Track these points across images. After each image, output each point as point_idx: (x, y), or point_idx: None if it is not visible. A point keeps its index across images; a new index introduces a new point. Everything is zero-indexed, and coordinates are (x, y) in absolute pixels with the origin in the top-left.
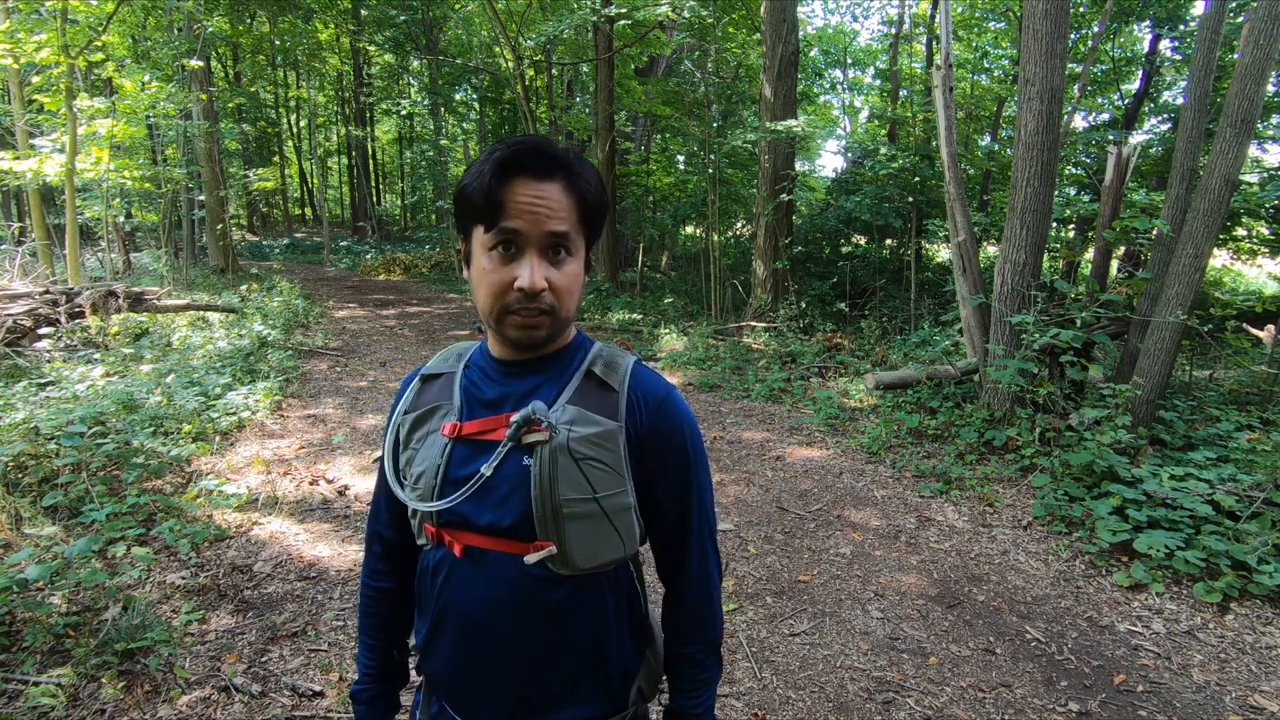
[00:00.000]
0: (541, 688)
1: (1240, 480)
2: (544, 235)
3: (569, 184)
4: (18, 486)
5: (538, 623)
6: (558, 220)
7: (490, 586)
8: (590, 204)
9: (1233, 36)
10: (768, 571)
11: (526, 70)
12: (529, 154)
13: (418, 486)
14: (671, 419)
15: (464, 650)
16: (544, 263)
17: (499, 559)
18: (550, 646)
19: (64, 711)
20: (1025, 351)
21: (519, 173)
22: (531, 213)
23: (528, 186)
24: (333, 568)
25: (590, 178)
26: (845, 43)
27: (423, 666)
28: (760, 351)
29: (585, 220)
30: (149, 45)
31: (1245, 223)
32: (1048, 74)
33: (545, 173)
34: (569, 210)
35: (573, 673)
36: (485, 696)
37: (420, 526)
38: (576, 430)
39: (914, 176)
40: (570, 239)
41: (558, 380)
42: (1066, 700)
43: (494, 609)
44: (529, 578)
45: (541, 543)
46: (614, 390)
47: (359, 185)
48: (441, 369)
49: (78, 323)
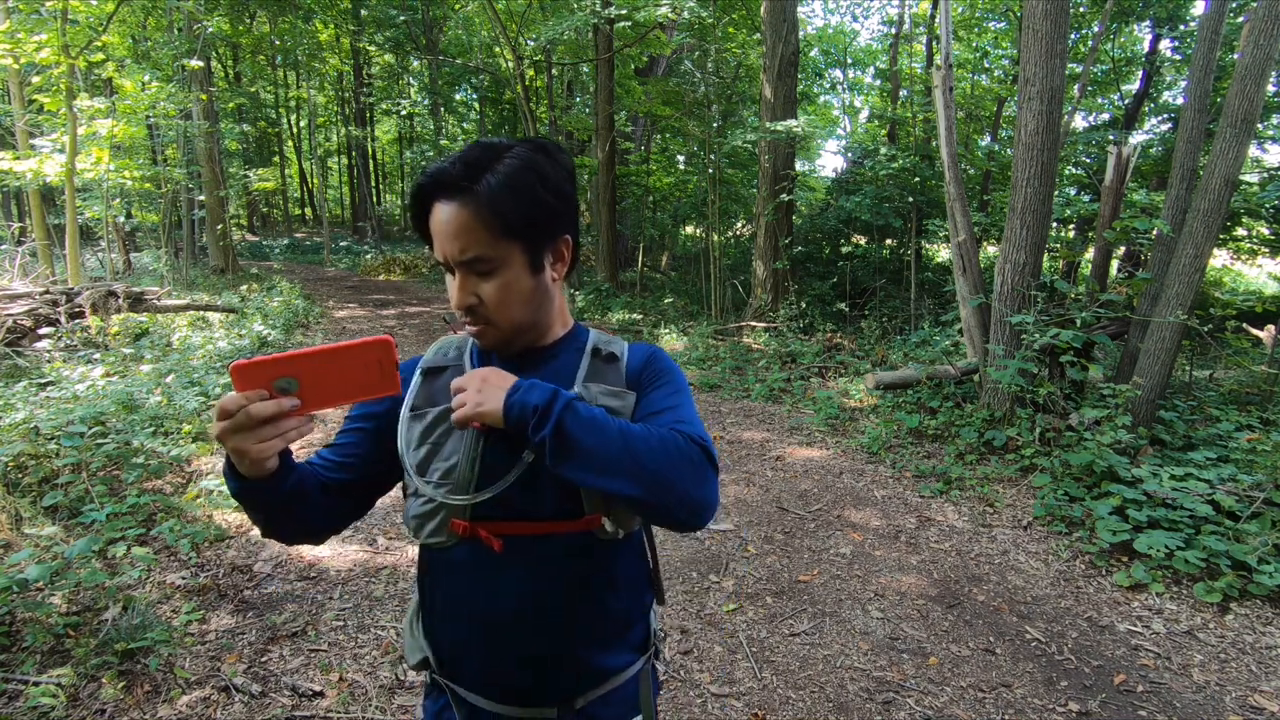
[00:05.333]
0: (583, 656)
1: (1240, 480)
2: (457, 262)
3: (469, 204)
4: (18, 486)
5: (581, 598)
6: (464, 245)
7: (533, 572)
8: (505, 214)
9: (1233, 36)
10: (768, 571)
11: (526, 70)
12: (429, 181)
13: (446, 481)
14: (659, 359)
15: (505, 641)
16: (471, 279)
17: (542, 542)
18: (591, 617)
19: (64, 711)
20: (1025, 351)
21: (431, 199)
22: (441, 240)
23: (438, 213)
24: (333, 568)
25: (503, 185)
26: (845, 43)
27: (450, 670)
28: (760, 351)
29: (507, 230)
30: (149, 45)
31: (1245, 223)
32: (1048, 74)
33: (449, 195)
34: (475, 229)
35: (609, 634)
36: (527, 679)
37: (442, 524)
38: (603, 402)
39: (914, 176)
40: (485, 259)
41: (564, 367)
42: (1066, 700)
43: (538, 594)
44: (572, 556)
45: (591, 517)
46: (618, 358)
47: (359, 185)
48: (444, 362)
49: (78, 323)
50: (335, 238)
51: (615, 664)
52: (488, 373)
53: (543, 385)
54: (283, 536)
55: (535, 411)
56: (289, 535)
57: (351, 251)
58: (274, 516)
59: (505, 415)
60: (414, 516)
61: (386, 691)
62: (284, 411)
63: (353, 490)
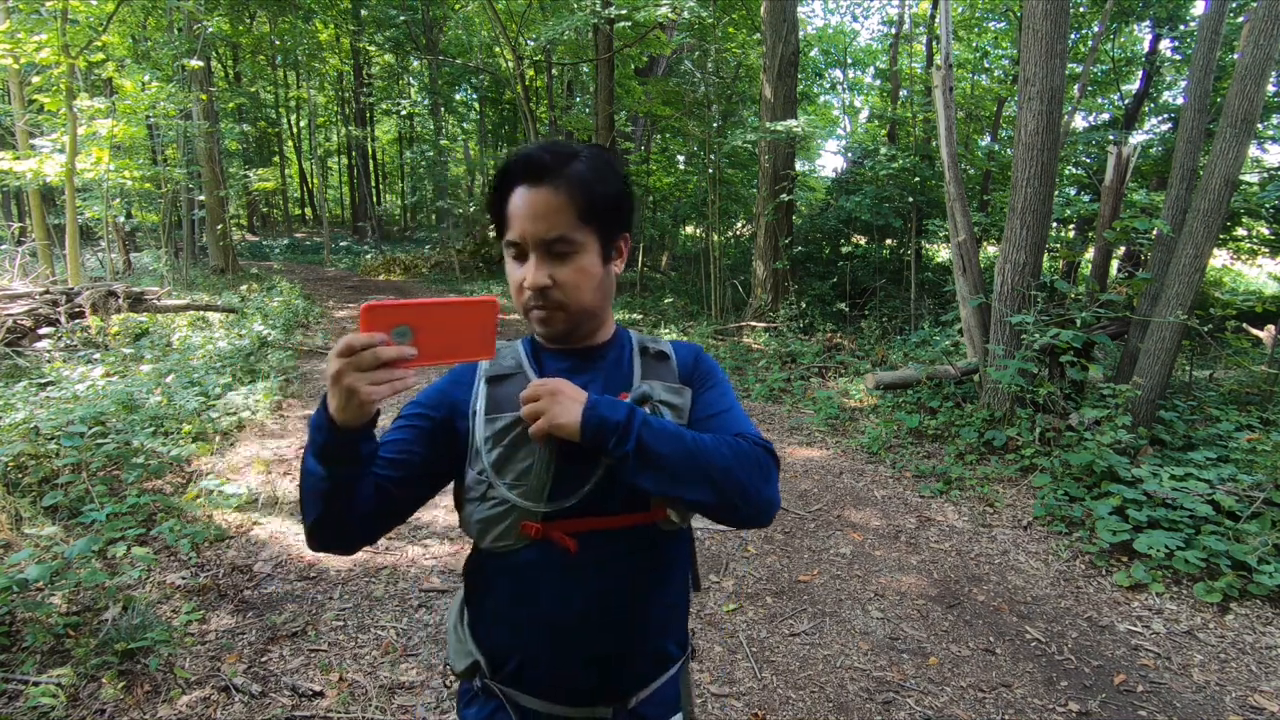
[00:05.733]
0: (643, 651)
1: (1240, 480)
2: (539, 242)
3: (560, 186)
4: (18, 486)
5: (644, 592)
6: (549, 225)
7: (602, 570)
8: (590, 199)
9: (1233, 36)
10: (768, 571)
11: (526, 70)
12: (520, 163)
13: (519, 483)
14: (705, 358)
15: (573, 642)
16: (547, 262)
17: (611, 538)
18: (652, 610)
19: (64, 711)
20: (1025, 351)
21: (515, 182)
22: (525, 221)
23: (521, 195)
24: (333, 568)
25: (589, 171)
26: (845, 43)
27: (506, 675)
28: (760, 351)
29: (590, 215)
30: (149, 45)
31: (1245, 223)
32: (1048, 74)
33: (534, 179)
34: (563, 211)
35: (666, 627)
36: (591, 679)
37: (511, 527)
38: (664, 398)
39: (914, 176)
40: (569, 239)
41: (614, 368)
42: (1066, 700)
43: (606, 592)
44: (638, 550)
45: (656, 510)
46: (668, 356)
47: (359, 185)
48: (505, 370)
49: (78, 323)
50: (335, 238)
51: (667, 660)
52: (558, 384)
53: (615, 400)
54: (328, 532)
55: (616, 428)
56: (335, 530)
57: (351, 251)
58: (338, 493)
59: (582, 430)
60: (480, 520)
61: (386, 691)
62: (404, 359)
63: (398, 492)
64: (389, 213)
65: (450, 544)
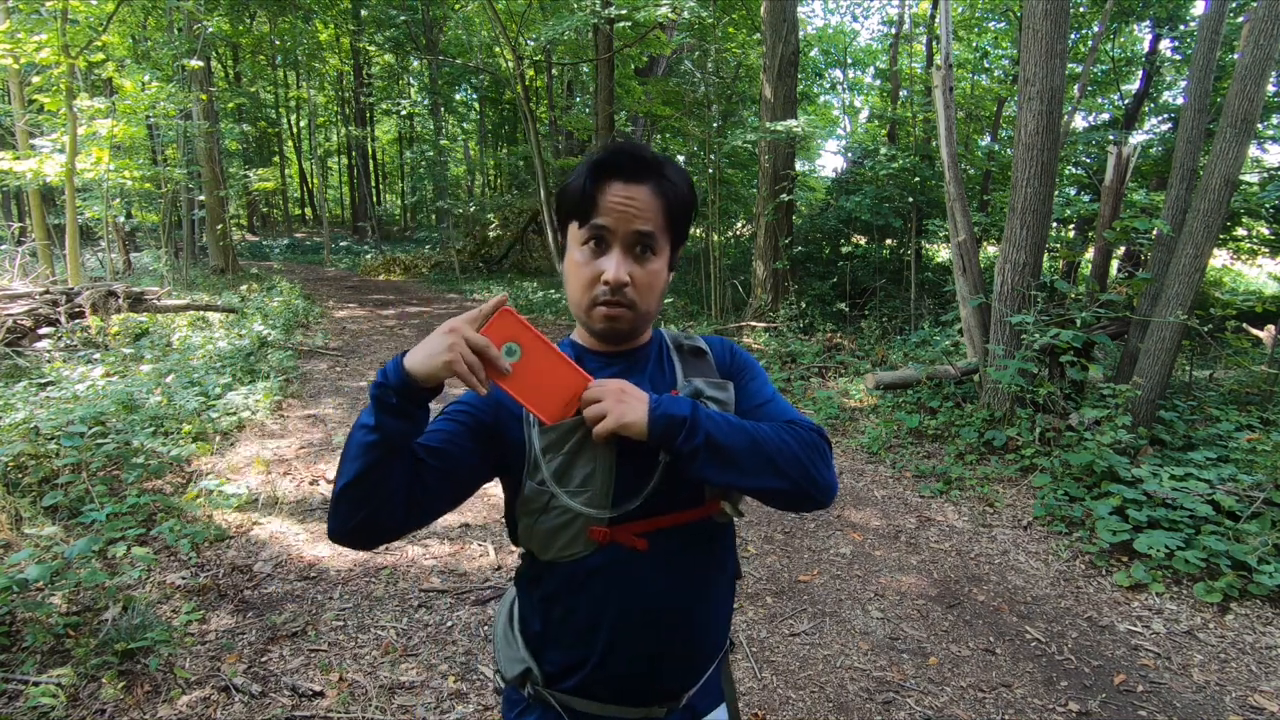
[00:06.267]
0: (700, 646)
1: (1240, 480)
2: (630, 233)
3: (657, 187)
4: (18, 486)
5: (703, 586)
6: (643, 220)
7: (667, 567)
8: (677, 206)
9: (1233, 36)
10: (768, 571)
11: (526, 70)
12: (623, 157)
13: (583, 489)
14: (739, 350)
15: (639, 641)
16: (628, 259)
17: (672, 535)
18: (711, 604)
19: (64, 711)
20: (1025, 351)
21: (613, 175)
22: (620, 211)
23: (619, 188)
24: (333, 568)
25: (679, 181)
26: (845, 43)
27: (563, 681)
28: (760, 352)
29: (672, 222)
30: (149, 45)
31: (1245, 223)
32: (1048, 74)
33: (635, 175)
34: (656, 211)
35: (720, 619)
36: (652, 678)
37: (578, 535)
38: (710, 394)
39: (914, 176)
40: (655, 239)
41: (656, 369)
42: (1066, 700)
43: (670, 590)
44: (696, 544)
45: (711, 503)
46: (705, 351)
47: (359, 185)
48: None
49: (78, 323)
50: (335, 238)
51: (717, 651)
52: (620, 384)
53: (678, 398)
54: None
55: (684, 423)
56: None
57: (351, 251)
58: (382, 455)
59: (650, 428)
60: (545, 531)
61: (386, 691)
62: (497, 366)
63: (433, 482)
64: (389, 213)
65: (450, 544)
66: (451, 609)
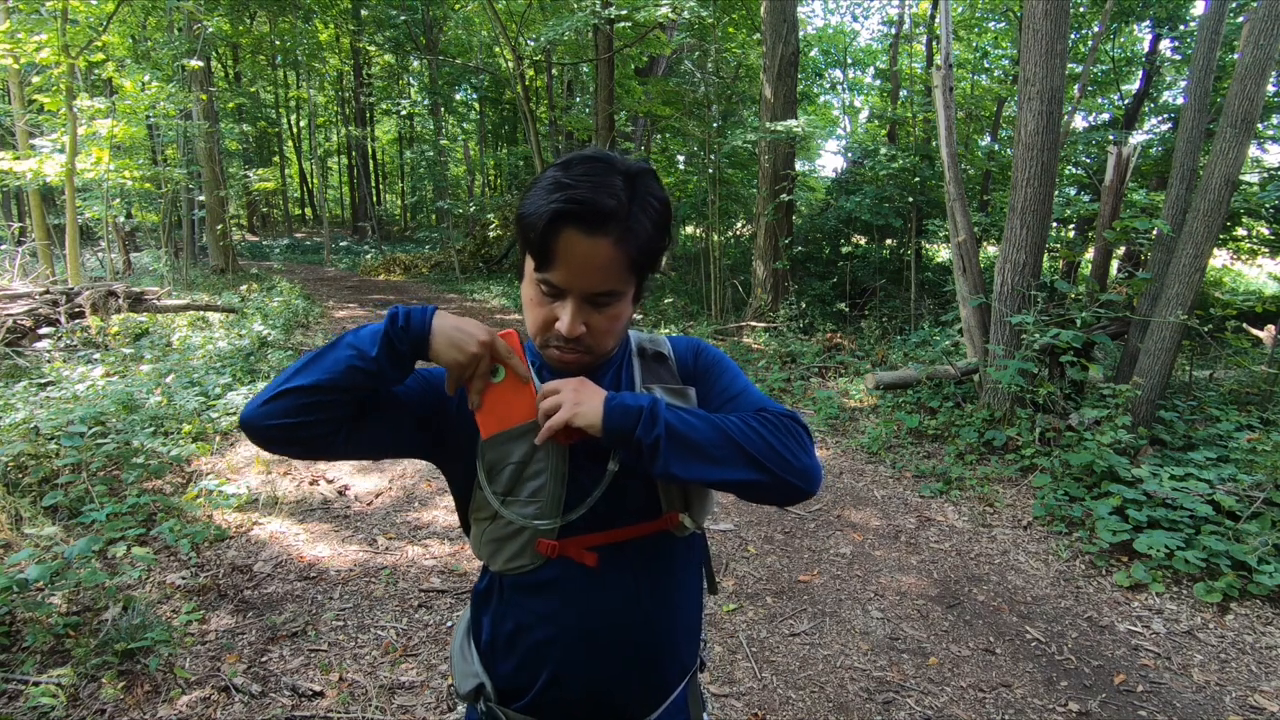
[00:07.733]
0: (661, 665)
1: (1240, 480)
2: (584, 293)
3: (620, 239)
4: (18, 486)
5: (662, 603)
6: (602, 279)
7: (619, 582)
8: (643, 255)
9: (1233, 36)
10: (768, 571)
11: (526, 70)
12: (583, 205)
13: (534, 500)
14: (707, 349)
15: (591, 661)
16: (585, 308)
17: (625, 549)
18: (670, 622)
19: (64, 711)
20: (1025, 351)
21: (571, 224)
22: (578, 269)
23: (578, 241)
24: (333, 568)
25: (648, 220)
26: (845, 43)
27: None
28: (760, 351)
29: (638, 265)
30: (149, 45)
31: (1245, 223)
32: (1048, 74)
33: (597, 227)
34: (617, 266)
35: (682, 638)
36: (606, 699)
37: (525, 547)
38: (668, 399)
39: (914, 176)
40: (616, 292)
41: (620, 373)
42: (1066, 700)
43: (623, 607)
44: (653, 559)
45: (668, 515)
46: (666, 356)
47: (359, 185)
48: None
49: (78, 323)
50: (335, 238)
51: (680, 672)
52: (580, 379)
53: (634, 393)
54: (296, 419)
55: (641, 413)
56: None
57: (351, 251)
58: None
59: (606, 419)
60: (491, 541)
61: (386, 691)
62: (484, 380)
63: (373, 430)
64: (389, 213)
65: (450, 544)
66: (451, 609)
